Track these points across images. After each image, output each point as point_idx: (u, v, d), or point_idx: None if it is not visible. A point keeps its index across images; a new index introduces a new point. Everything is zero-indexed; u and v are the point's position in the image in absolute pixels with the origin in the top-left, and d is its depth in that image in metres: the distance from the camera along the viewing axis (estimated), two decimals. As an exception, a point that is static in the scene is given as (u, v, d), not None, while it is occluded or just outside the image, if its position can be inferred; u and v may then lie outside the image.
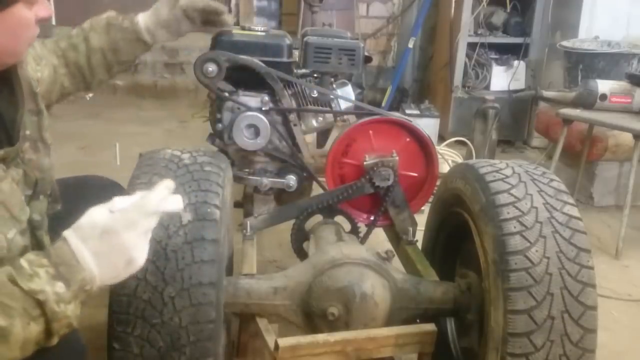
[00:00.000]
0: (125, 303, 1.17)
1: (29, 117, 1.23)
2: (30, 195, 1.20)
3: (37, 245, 1.18)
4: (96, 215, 1.02)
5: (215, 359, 1.22)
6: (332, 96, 1.88)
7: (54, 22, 3.72)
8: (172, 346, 1.18)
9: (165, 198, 1.07)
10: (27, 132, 1.22)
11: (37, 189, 1.23)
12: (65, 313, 0.95)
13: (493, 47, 4.27)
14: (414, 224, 1.85)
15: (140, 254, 1.03)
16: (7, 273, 0.93)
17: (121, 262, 1.01)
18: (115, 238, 1.00)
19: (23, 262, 0.95)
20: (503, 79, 4.23)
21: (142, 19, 1.62)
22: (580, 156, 3.23)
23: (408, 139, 1.83)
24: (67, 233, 1.00)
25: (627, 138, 2.92)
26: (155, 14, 1.63)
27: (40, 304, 0.92)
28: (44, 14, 1.15)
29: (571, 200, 1.37)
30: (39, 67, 1.45)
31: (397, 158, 1.77)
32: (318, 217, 1.87)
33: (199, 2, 1.64)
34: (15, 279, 0.92)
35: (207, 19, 1.67)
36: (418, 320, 1.54)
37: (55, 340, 0.97)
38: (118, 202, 1.04)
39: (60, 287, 0.94)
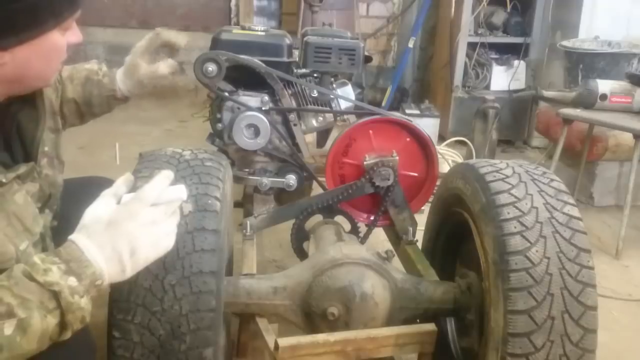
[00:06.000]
0: (125, 291, 1.17)
1: (48, 134, 1.26)
2: (39, 208, 1.21)
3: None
4: (98, 210, 1.06)
5: (215, 349, 1.21)
6: (332, 96, 1.88)
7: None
8: (172, 334, 1.18)
9: (165, 188, 1.11)
10: (46, 149, 1.25)
11: (46, 204, 1.24)
12: (79, 305, 0.97)
13: (493, 47, 4.27)
14: (414, 224, 1.85)
15: (143, 245, 1.05)
16: (22, 269, 0.96)
17: (125, 253, 1.03)
18: (118, 229, 1.03)
19: (36, 259, 0.97)
20: (503, 78, 4.23)
21: (120, 77, 1.60)
22: (581, 156, 3.23)
23: (408, 139, 1.83)
24: (74, 235, 1.03)
25: (627, 138, 2.92)
26: (128, 73, 1.61)
27: (56, 295, 0.94)
28: (75, 40, 1.16)
29: (571, 201, 1.37)
30: None
31: (397, 158, 1.77)
32: (318, 217, 1.87)
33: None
34: (31, 273, 0.95)
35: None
36: (418, 320, 1.54)
37: (69, 334, 0.98)
38: (122, 196, 1.10)
39: (72, 281, 0.97)
